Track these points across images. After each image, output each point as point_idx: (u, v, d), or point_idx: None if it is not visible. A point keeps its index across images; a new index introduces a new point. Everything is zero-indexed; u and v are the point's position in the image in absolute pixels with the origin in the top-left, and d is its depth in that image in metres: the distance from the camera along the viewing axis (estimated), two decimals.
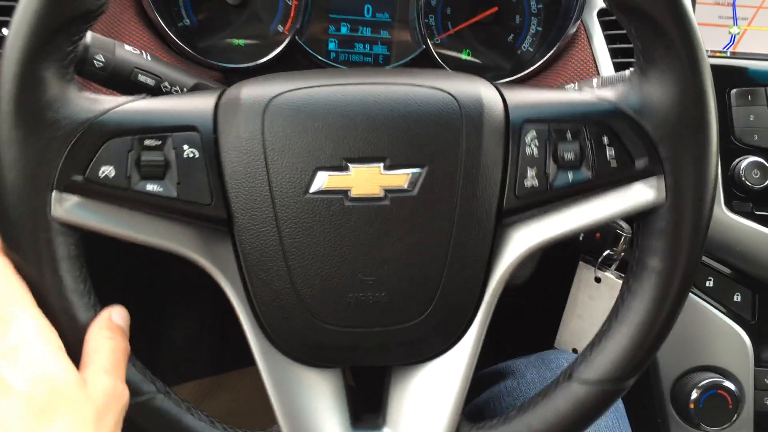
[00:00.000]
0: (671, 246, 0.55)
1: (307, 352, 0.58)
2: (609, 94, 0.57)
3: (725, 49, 0.94)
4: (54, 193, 0.51)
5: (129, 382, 0.54)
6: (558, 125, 0.56)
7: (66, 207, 0.52)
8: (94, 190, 0.53)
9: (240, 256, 0.55)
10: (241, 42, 0.88)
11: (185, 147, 0.54)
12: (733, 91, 0.85)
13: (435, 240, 0.55)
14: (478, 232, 0.56)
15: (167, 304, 1.49)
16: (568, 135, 0.56)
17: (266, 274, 0.55)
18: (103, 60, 0.65)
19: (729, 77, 0.86)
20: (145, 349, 1.42)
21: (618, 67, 0.85)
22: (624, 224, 0.79)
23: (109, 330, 0.53)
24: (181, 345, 1.50)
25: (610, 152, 0.56)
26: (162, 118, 0.54)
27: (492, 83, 0.59)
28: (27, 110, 0.50)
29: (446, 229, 0.55)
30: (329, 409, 0.59)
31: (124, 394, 0.50)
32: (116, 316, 0.54)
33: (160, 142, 0.53)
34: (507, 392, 0.77)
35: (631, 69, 0.67)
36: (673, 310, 0.56)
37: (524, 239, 0.57)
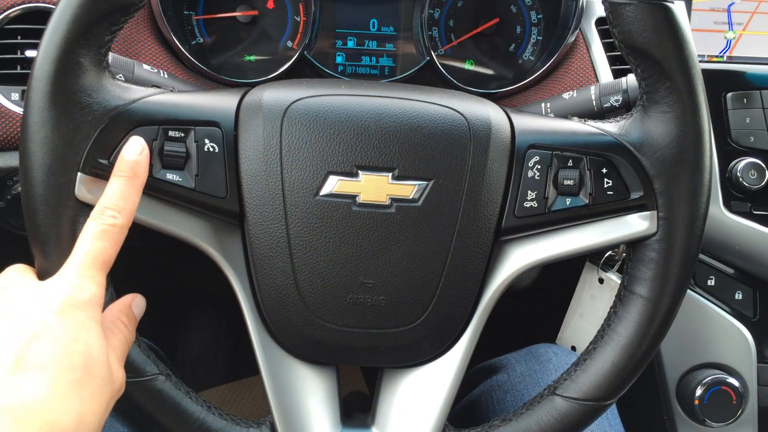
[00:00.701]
0: (659, 276, 0.58)
1: (304, 348, 0.60)
2: (611, 127, 0.60)
3: (722, 54, 0.96)
4: (80, 175, 0.54)
5: (132, 362, 0.56)
6: (561, 153, 0.59)
7: (90, 189, 0.54)
8: None
9: (248, 250, 0.58)
10: (252, 58, 0.91)
11: (206, 141, 0.57)
12: (729, 94, 0.87)
13: (435, 250, 0.58)
14: (477, 246, 0.59)
15: (183, 315, 1.51)
16: (570, 162, 0.59)
17: (271, 269, 0.58)
18: (123, 79, 0.68)
19: (725, 81, 0.88)
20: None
21: (616, 74, 0.87)
22: None
23: (126, 317, 0.55)
24: (198, 354, 1.52)
25: (607, 182, 0.59)
26: (187, 111, 0.57)
27: (501, 107, 0.62)
28: (63, 93, 0.53)
29: (446, 241, 0.58)
30: (321, 405, 0.61)
31: (120, 381, 0.52)
32: (136, 304, 0.57)
33: (183, 134, 0.56)
34: (498, 386, 0.80)
35: (626, 79, 0.69)
36: (656, 337, 0.59)
37: (520, 257, 0.61)
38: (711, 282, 0.88)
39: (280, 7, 0.89)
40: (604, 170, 0.59)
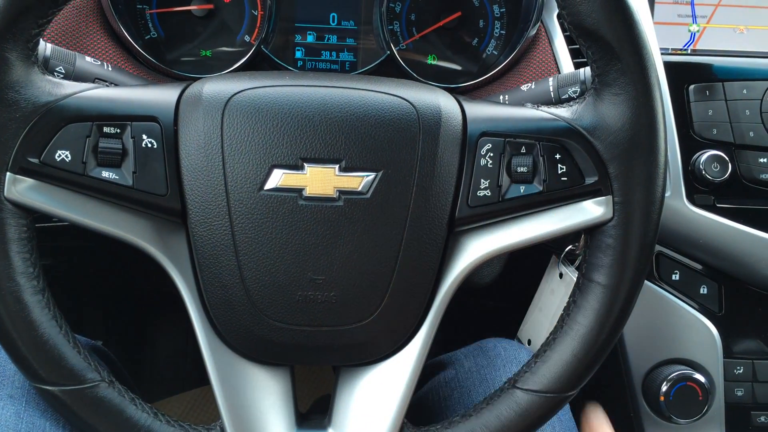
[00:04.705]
0: (617, 262, 0.57)
1: (254, 349, 0.59)
2: (564, 112, 0.59)
3: (686, 47, 0.95)
4: (8, 175, 0.52)
5: (72, 369, 0.54)
6: (513, 140, 0.58)
7: (19, 189, 0.52)
8: (48, 174, 0.53)
9: (192, 249, 0.56)
10: (209, 53, 0.89)
11: (144, 137, 0.55)
12: (692, 87, 0.86)
13: (386, 243, 0.56)
14: (430, 238, 0.57)
15: (151, 319, 1.49)
16: (523, 149, 0.58)
17: (217, 268, 0.56)
18: (63, 72, 0.66)
19: (687, 73, 0.87)
20: (130, 363, 1.42)
21: (578, 67, 0.86)
22: None
23: None
24: (167, 358, 1.50)
25: (561, 168, 0.58)
26: (123, 106, 0.55)
27: (453, 95, 0.60)
28: None
29: (397, 234, 0.56)
30: (275, 407, 0.59)
31: None
32: None
33: (119, 130, 0.54)
34: (445, 382, 0.78)
35: (584, 70, 0.68)
36: (616, 325, 0.58)
37: (476, 248, 0.59)
38: (675, 276, 0.87)
39: (237, 1, 0.88)
40: (558, 156, 0.58)
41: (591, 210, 0.58)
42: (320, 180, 0.55)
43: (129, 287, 1.36)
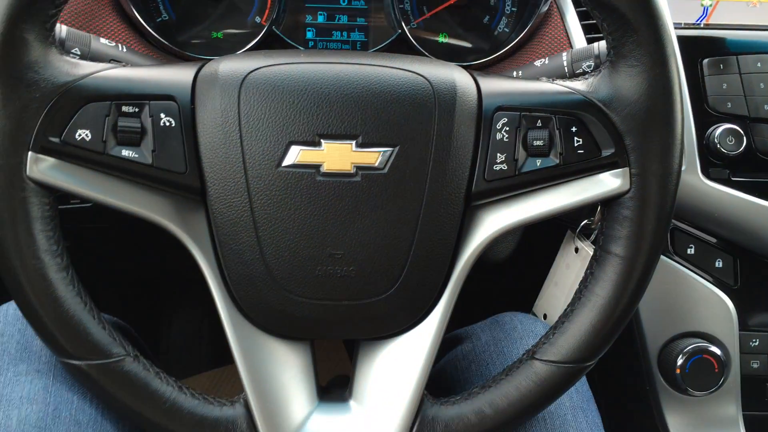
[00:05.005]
0: (634, 233, 0.57)
1: (275, 323, 0.59)
2: (580, 85, 0.58)
3: (699, 22, 0.95)
4: (30, 154, 0.52)
5: (97, 344, 0.55)
6: (529, 113, 0.58)
7: (41, 168, 0.53)
8: (69, 153, 0.54)
9: (212, 226, 0.57)
10: (220, 34, 0.89)
11: (162, 115, 0.55)
12: (705, 60, 0.86)
13: (403, 218, 0.56)
14: (447, 212, 0.57)
15: (166, 301, 1.50)
16: (538, 123, 0.58)
17: (237, 245, 0.56)
18: (79, 53, 0.66)
19: (701, 47, 0.87)
20: (146, 345, 1.44)
21: (590, 42, 0.85)
22: None
23: None
24: (183, 340, 1.51)
25: (578, 141, 0.58)
26: (141, 85, 0.55)
27: (468, 71, 0.60)
28: (8, 70, 0.51)
29: (415, 208, 0.56)
30: (296, 380, 0.60)
31: None
32: None
33: (137, 109, 0.55)
34: (463, 356, 0.79)
35: (598, 44, 0.68)
36: (634, 295, 0.58)
37: (492, 222, 0.59)
38: (691, 251, 0.87)
39: None
40: (574, 129, 0.58)
41: (608, 182, 0.58)
42: (337, 156, 0.55)
43: (144, 270, 1.37)
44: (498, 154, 0.58)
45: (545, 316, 0.85)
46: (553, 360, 0.59)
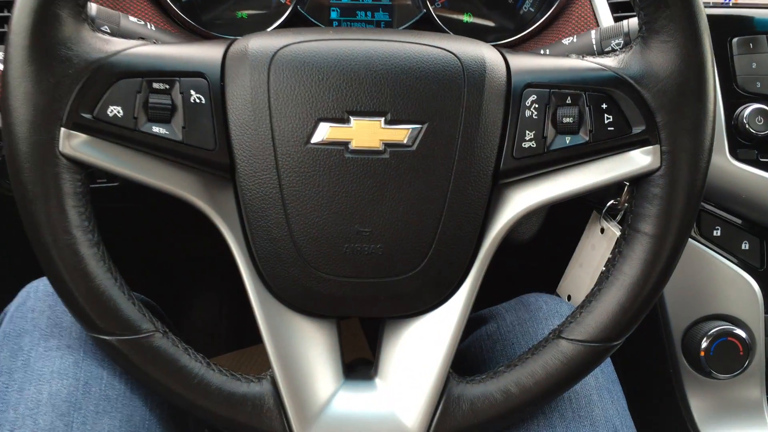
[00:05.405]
0: (664, 211, 0.57)
1: (303, 301, 0.59)
2: (610, 61, 0.58)
3: (727, 1, 0.93)
4: (63, 130, 0.53)
5: (128, 319, 0.55)
6: (558, 90, 0.57)
7: (74, 144, 0.53)
8: (101, 129, 0.54)
9: (241, 203, 0.57)
10: (244, 14, 0.89)
11: (192, 92, 0.55)
12: (735, 39, 0.84)
13: (431, 195, 0.56)
14: (475, 190, 0.57)
15: (187, 283, 1.51)
16: (568, 100, 0.57)
17: (265, 222, 0.56)
18: (108, 31, 0.67)
19: (730, 26, 0.85)
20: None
21: (618, 21, 0.83)
22: None
23: None
24: (202, 323, 1.52)
25: (608, 118, 0.57)
26: (171, 62, 0.55)
27: (496, 48, 0.60)
28: (41, 46, 0.51)
29: (443, 186, 0.56)
30: (322, 358, 0.60)
31: None
32: None
33: (168, 86, 0.55)
34: (487, 336, 0.78)
35: (628, 22, 0.67)
36: (662, 274, 0.58)
37: (520, 200, 0.59)
38: (717, 233, 0.86)
39: None
40: (604, 106, 0.57)
41: (638, 159, 0.57)
42: (366, 133, 0.55)
43: (164, 253, 1.38)
44: (527, 131, 0.57)
45: (569, 297, 0.84)
46: (580, 339, 0.58)
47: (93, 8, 0.66)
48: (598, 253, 0.78)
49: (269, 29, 0.85)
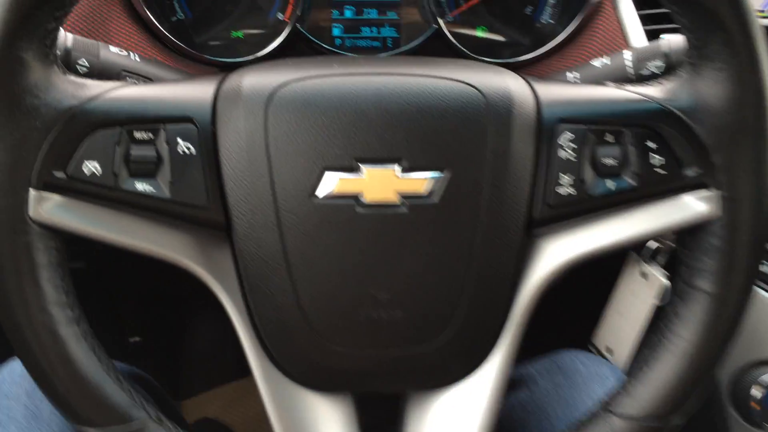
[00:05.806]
0: (726, 266, 0.50)
1: (313, 376, 0.53)
2: (654, 91, 0.51)
3: (764, 8, 0.87)
4: (32, 192, 0.47)
5: (115, 408, 0.49)
6: (597, 126, 0.51)
7: (46, 207, 0.47)
8: (77, 189, 0.48)
9: (239, 266, 0.51)
10: (240, 34, 0.83)
11: (180, 141, 0.49)
12: None
13: (456, 253, 0.50)
14: (505, 244, 0.51)
15: (189, 312, 1.47)
16: (609, 137, 0.51)
17: (268, 287, 0.50)
18: (87, 65, 0.61)
19: None
20: (168, 357, 1.39)
21: (650, 36, 0.78)
22: None
23: None
24: (206, 351, 1.48)
25: (656, 159, 0.51)
26: (154, 107, 0.49)
27: (522, 76, 0.53)
28: (3, 96, 0.45)
29: (468, 241, 0.50)
30: None
31: None
32: None
33: (151, 135, 0.49)
34: (520, 405, 0.71)
35: (668, 40, 0.60)
36: (726, 339, 0.51)
37: (556, 253, 0.53)
38: (765, 268, 0.79)
39: None
40: (651, 144, 0.50)
41: (692, 205, 0.51)
42: (379, 183, 0.49)
43: (165, 285, 1.33)
44: (562, 175, 0.51)
45: (608, 349, 0.78)
46: (633, 414, 0.51)
47: (69, 39, 0.60)
48: (639, 300, 0.72)
49: (265, 50, 0.79)
